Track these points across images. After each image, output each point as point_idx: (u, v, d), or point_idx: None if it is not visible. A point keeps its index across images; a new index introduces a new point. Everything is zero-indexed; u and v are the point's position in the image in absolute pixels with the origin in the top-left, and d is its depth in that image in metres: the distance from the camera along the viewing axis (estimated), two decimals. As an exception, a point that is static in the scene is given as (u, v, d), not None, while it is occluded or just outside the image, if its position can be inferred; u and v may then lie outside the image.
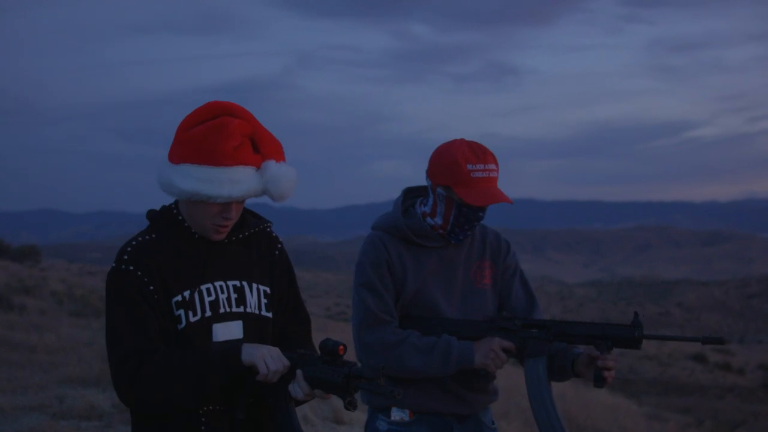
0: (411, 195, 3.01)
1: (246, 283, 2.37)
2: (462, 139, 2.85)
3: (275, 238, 2.51)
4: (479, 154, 2.79)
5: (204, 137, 2.21)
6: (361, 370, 2.13)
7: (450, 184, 2.79)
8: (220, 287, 2.32)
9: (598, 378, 2.76)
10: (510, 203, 2.82)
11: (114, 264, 2.27)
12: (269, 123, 2.36)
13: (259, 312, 2.38)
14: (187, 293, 2.27)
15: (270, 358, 2.20)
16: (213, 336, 2.29)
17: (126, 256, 2.26)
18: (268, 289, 2.42)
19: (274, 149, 2.31)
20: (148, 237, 2.32)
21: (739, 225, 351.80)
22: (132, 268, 2.24)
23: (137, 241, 2.30)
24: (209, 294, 2.30)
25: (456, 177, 2.77)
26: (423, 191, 3.01)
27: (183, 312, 2.26)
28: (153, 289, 2.24)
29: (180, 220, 2.32)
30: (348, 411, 2.15)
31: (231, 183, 2.21)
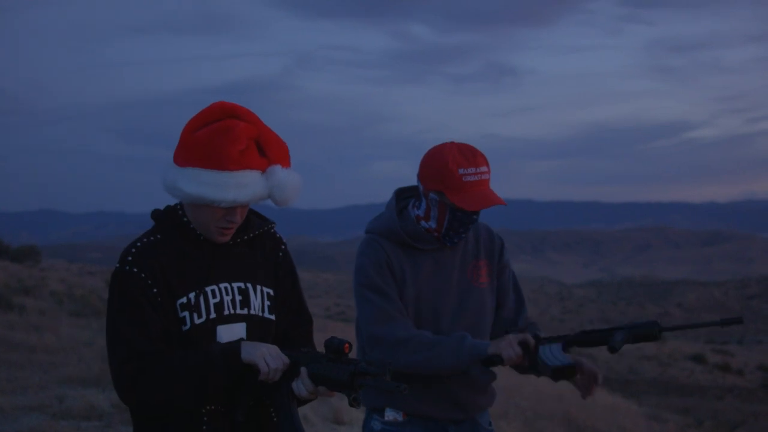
0: (403, 196, 2.98)
1: (250, 285, 2.36)
2: (452, 142, 2.81)
3: (279, 239, 2.50)
4: (470, 157, 2.76)
5: (209, 140, 2.20)
6: (366, 366, 2.12)
7: (442, 189, 2.76)
8: (224, 289, 2.32)
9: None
10: (504, 205, 2.79)
11: (118, 265, 2.26)
12: (269, 123, 2.34)
13: (263, 314, 2.37)
14: (192, 295, 2.27)
15: (270, 356, 2.20)
16: (217, 338, 2.28)
17: (130, 257, 2.25)
18: (271, 291, 2.41)
19: (280, 153, 2.30)
20: (152, 238, 2.31)
21: (739, 225, 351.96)
22: (136, 270, 2.23)
23: (142, 243, 2.29)
24: (214, 296, 2.29)
25: (448, 182, 2.74)
26: (415, 191, 2.98)
27: (188, 314, 2.26)
28: (157, 292, 2.24)
29: (185, 221, 2.31)
30: (353, 407, 2.14)
31: (236, 187, 2.20)
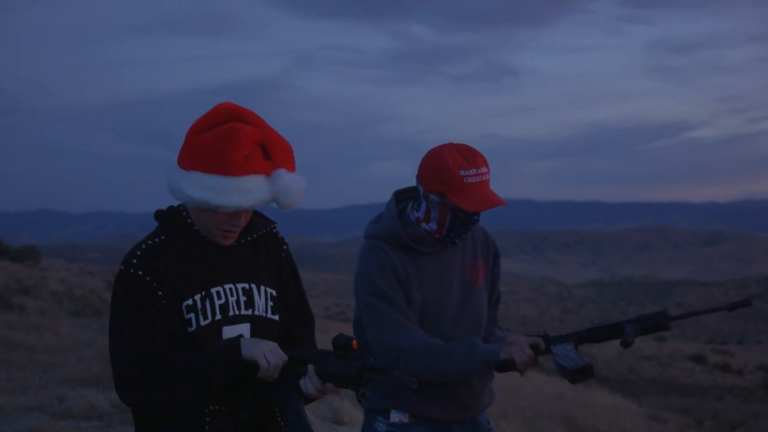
0: (401, 198, 2.97)
1: (254, 286, 2.37)
2: (451, 144, 2.81)
3: (281, 239, 2.50)
4: (470, 158, 2.76)
5: (214, 144, 2.19)
6: (374, 362, 2.12)
7: (443, 190, 2.76)
8: (229, 290, 2.32)
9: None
10: (505, 206, 2.79)
11: (122, 267, 2.26)
12: (269, 123, 2.32)
13: (266, 314, 2.37)
14: (198, 297, 2.27)
15: (269, 352, 2.20)
16: (222, 339, 2.28)
17: (135, 260, 2.25)
18: (274, 292, 2.42)
19: (285, 157, 2.29)
20: (157, 240, 2.30)
21: (739, 225, 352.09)
22: (141, 273, 2.23)
23: (146, 245, 2.28)
24: (219, 297, 2.29)
25: (449, 183, 2.74)
26: (413, 193, 2.97)
27: (193, 316, 2.25)
28: (162, 294, 2.23)
29: (189, 222, 2.31)
30: (360, 403, 2.15)
31: (241, 192, 2.19)
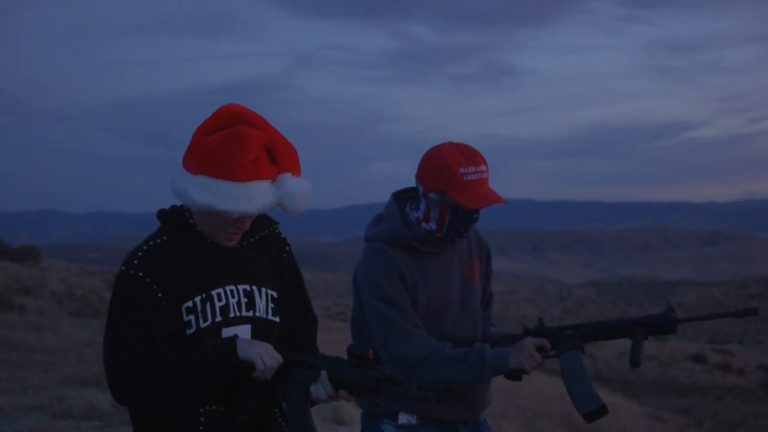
0: (400, 199, 2.97)
1: (255, 288, 2.36)
2: (450, 142, 2.83)
3: (283, 239, 2.49)
4: (470, 156, 2.78)
5: (221, 148, 2.19)
6: (392, 373, 2.14)
7: (443, 188, 2.78)
8: (230, 291, 2.31)
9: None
10: (504, 203, 2.81)
11: (123, 267, 2.25)
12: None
13: (267, 316, 2.37)
14: (198, 299, 2.26)
15: (266, 354, 2.20)
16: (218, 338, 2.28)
17: (136, 261, 2.24)
18: (275, 294, 2.41)
19: (290, 160, 2.28)
20: (159, 240, 2.29)
21: (739, 225, 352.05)
22: (141, 274, 2.22)
23: (148, 246, 2.28)
24: (220, 299, 2.29)
25: (449, 181, 2.76)
26: (410, 193, 2.98)
27: (193, 317, 2.25)
28: (162, 296, 2.23)
29: (192, 223, 2.31)
30: (374, 413, 2.16)
31: (247, 198, 2.19)
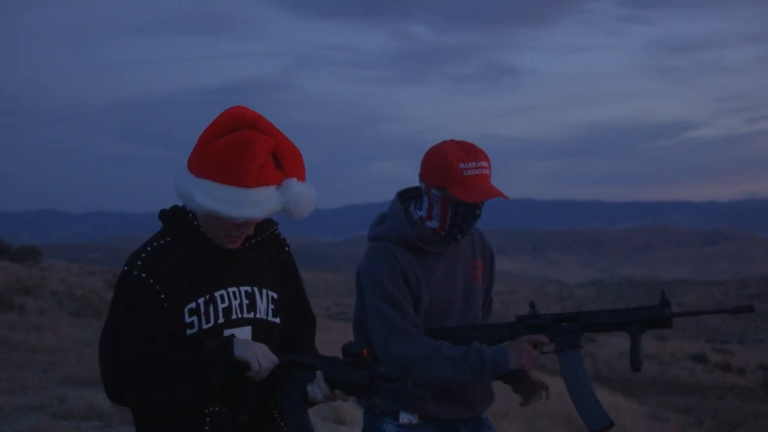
0: (404, 198, 2.98)
1: (257, 289, 2.36)
2: (452, 140, 2.85)
3: (283, 240, 2.49)
4: (470, 152, 2.80)
5: (227, 153, 2.18)
6: (386, 371, 2.13)
7: (444, 184, 2.79)
8: (233, 293, 2.31)
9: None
10: (505, 198, 2.82)
11: (126, 268, 2.25)
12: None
13: (267, 317, 2.37)
14: (202, 301, 2.26)
15: (261, 354, 2.21)
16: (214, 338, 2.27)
17: (139, 261, 2.24)
18: (276, 295, 2.41)
19: (296, 166, 2.27)
20: (162, 241, 2.29)
21: (739, 225, 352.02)
22: (144, 275, 2.22)
23: (152, 247, 2.28)
24: (223, 301, 2.29)
25: (449, 177, 2.78)
26: (415, 193, 2.99)
27: (196, 319, 2.25)
28: (164, 298, 2.23)
29: (195, 225, 2.30)
30: (371, 411, 2.15)
31: (252, 204, 2.19)
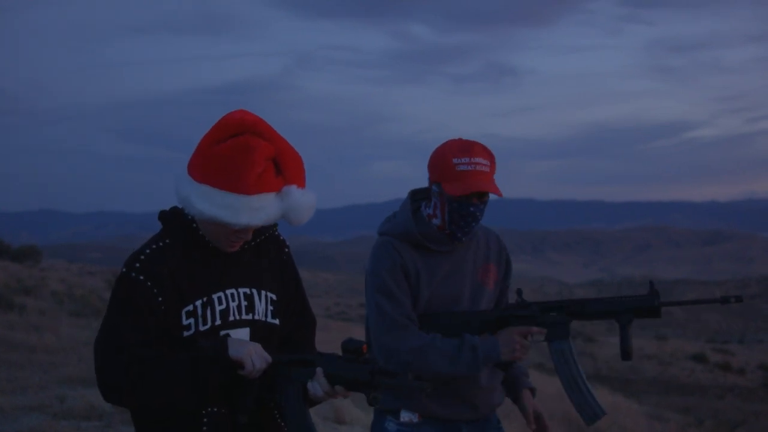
0: (417, 197, 2.99)
1: (255, 291, 2.36)
2: (459, 138, 2.86)
3: (282, 241, 2.49)
4: (466, 148, 2.80)
5: (228, 160, 2.18)
6: (386, 366, 2.13)
7: (440, 180, 2.81)
8: (231, 295, 2.31)
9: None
10: (498, 195, 2.80)
11: (124, 269, 2.25)
12: (269, 124, 2.30)
13: (266, 319, 2.37)
14: (199, 303, 2.26)
15: (255, 354, 2.21)
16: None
17: (138, 264, 2.24)
18: (274, 296, 2.41)
19: (296, 172, 2.27)
20: (161, 243, 2.29)
21: (739, 225, 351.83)
22: (142, 278, 2.22)
23: (151, 249, 2.27)
24: (220, 303, 2.29)
25: (443, 172, 2.79)
26: (427, 192, 2.99)
27: (193, 321, 2.25)
28: (162, 300, 2.22)
29: (194, 227, 2.30)
30: (372, 406, 2.14)
31: (252, 211, 2.18)
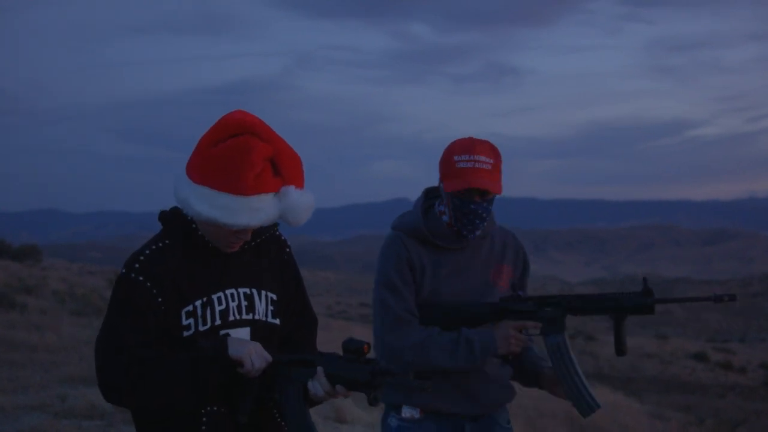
0: (432, 195, 3.01)
1: (255, 291, 2.36)
2: (468, 137, 2.88)
3: (284, 241, 2.49)
4: (468, 146, 2.82)
5: (226, 161, 2.18)
6: (387, 366, 2.12)
7: (442, 177, 2.85)
8: (231, 295, 2.31)
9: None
10: (495, 192, 2.80)
11: (124, 270, 2.25)
12: (269, 124, 2.31)
13: (267, 319, 2.37)
14: (199, 303, 2.26)
15: (255, 353, 2.21)
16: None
17: (137, 264, 2.24)
18: (275, 296, 2.41)
19: (294, 173, 2.27)
20: (161, 244, 2.29)
21: (742, 224, 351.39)
22: (142, 278, 2.22)
23: (150, 250, 2.27)
24: (220, 303, 2.29)
25: (445, 169, 2.83)
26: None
27: (192, 321, 2.25)
28: (161, 301, 2.23)
29: (194, 228, 2.30)
30: (372, 406, 2.14)
31: (250, 212, 2.18)
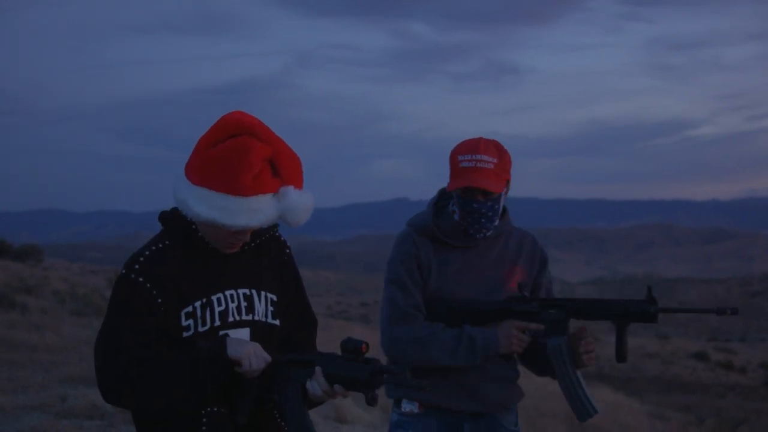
0: (447, 194, 3.03)
1: (255, 291, 2.36)
2: (478, 137, 2.90)
3: (283, 242, 2.49)
4: (471, 145, 2.86)
5: (225, 162, 2.18)
6: (385, 365, 2.12)
7: (450, 177, 2.89)
8: (230, 296, 2.31)
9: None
10: (493, 191, 2.81)
11: (124, 271, 2.25)
12: (269, 123, 2.31)
13: (266, 320, 2.37)
14: (199, 304, 2.26)
15: (254, 354, 2.21)
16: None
17: (137, 265, 2.24)
18: (275, 297, 2.41)
19: (293, 173, 2.26)
20: (161, 245, 2.29)
21: (741, 223, 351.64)
22: (141, 279, 2.22)
23: (150, 251, 2.27)
24: (220, 304, 2.29)
25: (450, 169, 2.88)
26: None
27: (192, 322, 2.25)
28: (161, 302, 2.23)
29: (194, 229, 2.30)
30: (370, 406, 2.13)
31: (249, 213, 2.18)
